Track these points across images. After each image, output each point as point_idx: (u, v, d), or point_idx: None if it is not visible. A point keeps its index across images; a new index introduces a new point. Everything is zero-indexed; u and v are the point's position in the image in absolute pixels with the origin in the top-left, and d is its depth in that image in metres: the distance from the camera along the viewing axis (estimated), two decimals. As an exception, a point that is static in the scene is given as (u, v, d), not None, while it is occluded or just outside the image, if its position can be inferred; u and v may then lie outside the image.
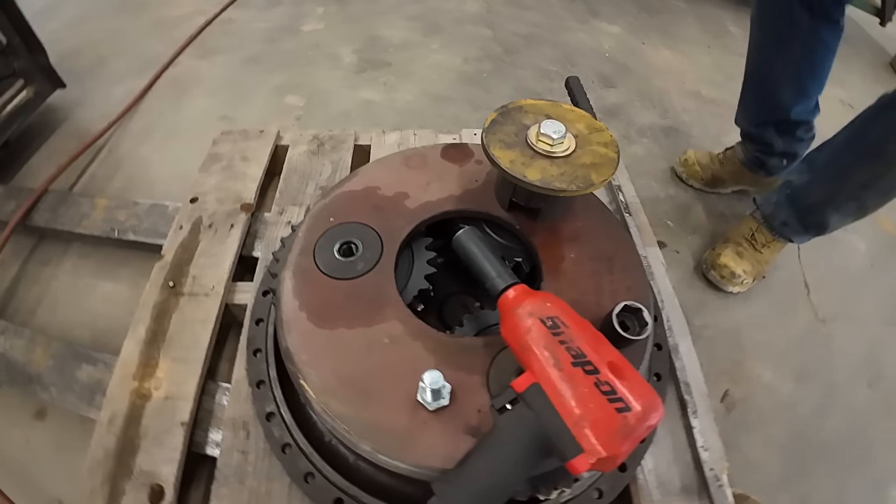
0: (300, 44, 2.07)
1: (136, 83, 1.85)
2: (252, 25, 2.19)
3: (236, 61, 1.98)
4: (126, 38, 2.10)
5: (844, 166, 1.19)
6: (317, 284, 0.80)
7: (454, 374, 0.70)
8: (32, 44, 1.63)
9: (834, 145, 1.24)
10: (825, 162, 1.25)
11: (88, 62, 1.97)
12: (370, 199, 0.92)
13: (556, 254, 0.84)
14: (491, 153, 0.78)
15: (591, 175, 0.77)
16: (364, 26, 2.19)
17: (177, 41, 2.04)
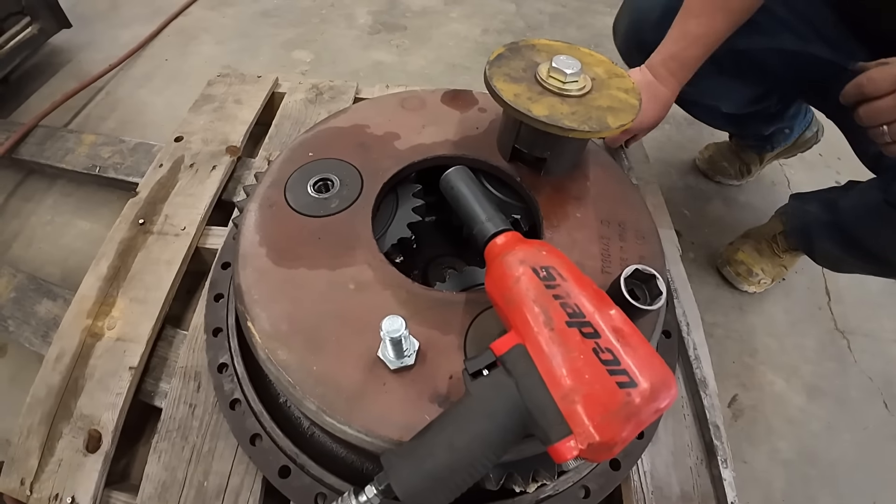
0: (316, 2, 1.95)
1: (144, 29, 1.76)
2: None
3: (248, 14, 1.87)
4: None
5: (851, 258, 1.00)
6: (282, 219, 0.68)
7: (426, 331, 0.57)
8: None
9: (842, 228, 1.01)
10: (837, 235, 1.03)
11: (101, 7, 1.88)
12: (357, 136, 0.79)
13: (559, 211, 0.71)
14: (493, 85, 0.65)
15: (608, 118, 0.63)
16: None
17: (191, -10, 1.93)
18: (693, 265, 1.32)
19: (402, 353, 0.52)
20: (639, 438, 0.74)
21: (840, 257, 1.02)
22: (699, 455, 0.80)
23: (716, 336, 1.21)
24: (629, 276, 0.55)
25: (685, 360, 0.92)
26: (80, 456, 0.76)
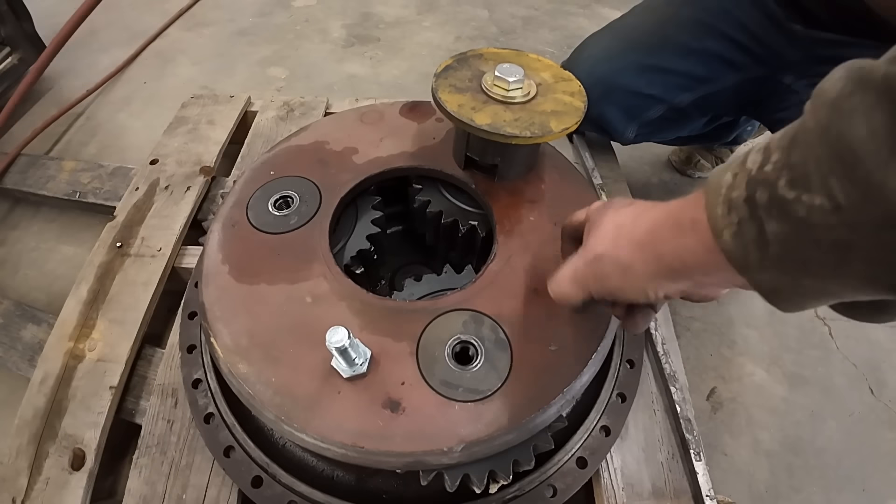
0: (290, 18, 1.99)
1: (122, 53, 1.80)
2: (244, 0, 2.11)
3: (224, 34, 1.91)
4: (119, 11, 2.05)
5: None
6: (244, 238, 0.71)
7: (379, 339, 0.60)
8: (19, 11, 1.59)
9: None
10: None
11: (79, 34, 1.89)
12: (317, 153, 0.82)
13: (512, 216, 0.74)
14: (438, 97, 0.68)
15: (551, 122, 0.66)
16: (358, 2, 2.11)
17: (167, 13, 1.98)
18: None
19: (353, 361, 0.54)
20: (605, 435, 0.76)
21: None
22: (670, 450, 0.82)
23: (693, 329, 1.23)
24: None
25: (654, 355, 0.94)
26: (66, 474, 0.79)
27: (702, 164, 1.51)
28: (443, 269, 0.72)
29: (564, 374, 0.60)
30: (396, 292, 0.70)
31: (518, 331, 0.61)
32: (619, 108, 1.04)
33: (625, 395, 0.78)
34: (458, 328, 0.60)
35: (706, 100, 1.04)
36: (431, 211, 0.78)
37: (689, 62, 1.00)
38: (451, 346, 0.59)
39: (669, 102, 1.03)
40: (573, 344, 0.62)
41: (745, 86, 1.02)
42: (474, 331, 0.60)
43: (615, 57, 1.03)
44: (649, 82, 1.01)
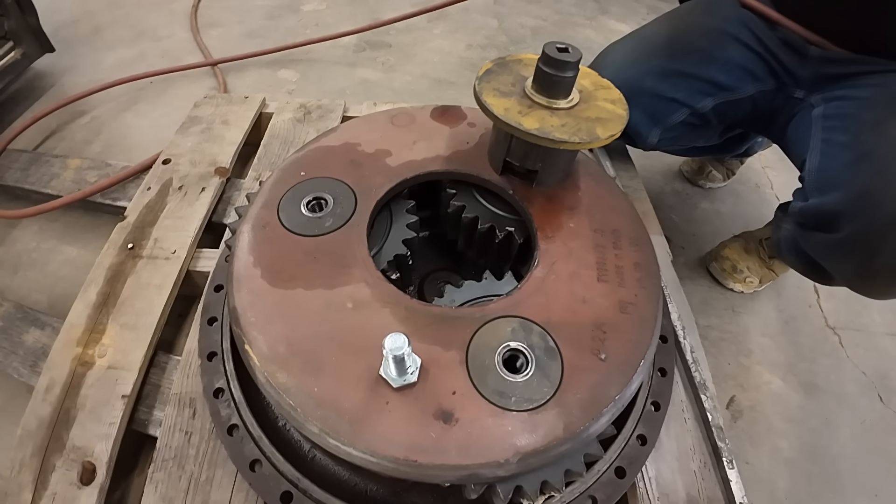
0: (300, 22, 1.97)
1: (127, 52, 1.76)
2: (252, 3, 2.09)
3: (233, 35, 1.88)
4: (125, 9, 2.01)
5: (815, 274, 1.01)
6: (277, 240, 0.68)
7: (427, 347, 0.57)
8: (24, 5, 1.54)
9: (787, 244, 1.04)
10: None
11: (84, 31, 1.87)
12: (348, 154, 0.79)
13: (553, 222, 0.72)
14: (483, 101, 0.66)
15: (597, 129, 0.65)
16: (368, 8, 2.09)
17: (174, 14, 1.94)
18: (684, 269, 1.34)
19: (406, 370, 0.52)
20: (641, 445, 0.74)
21: (806, 271, 1.03)
22: (703, 458, 0.80)
23: (711, 338, 1.23)
24: None
25: (683, 363, 0.92)
26: (75, 489, 0.74)
27: (713, 174, 1.52)
28: (482, 276, 0.70)
29: (615, 381, 0.58)
30: (437, 299, 0.68)
31: (567, 339, 0.59)
32: (643, 111, 1.04)
33: (658, 404, 0.76)
34: (506, 335, 0.58)
35: (726, 107, 1.04)
36: (467, 216, 0.76)
37: (711, 69, 1.00)
38: (501, 354, 0.56)
39: (692, 107, 1.03)
40: (622, 352, 0.60)
41: (761, 97, 1.03)
42: (524, 338, 0.58)
43: (639, 62, 1.03)
44: (673, 86, 1.01)
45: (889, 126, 0.78)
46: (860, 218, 0.76)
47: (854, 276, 0.86)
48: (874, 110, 0.82)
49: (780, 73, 0.99)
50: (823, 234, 0.83)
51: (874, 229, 0.74)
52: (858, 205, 0.76)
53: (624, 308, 0.65)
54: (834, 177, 0.81)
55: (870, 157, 0.77)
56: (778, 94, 1.01)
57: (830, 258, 0.87)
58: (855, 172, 0.78)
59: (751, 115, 1.08)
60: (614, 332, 0.62)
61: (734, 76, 1.00)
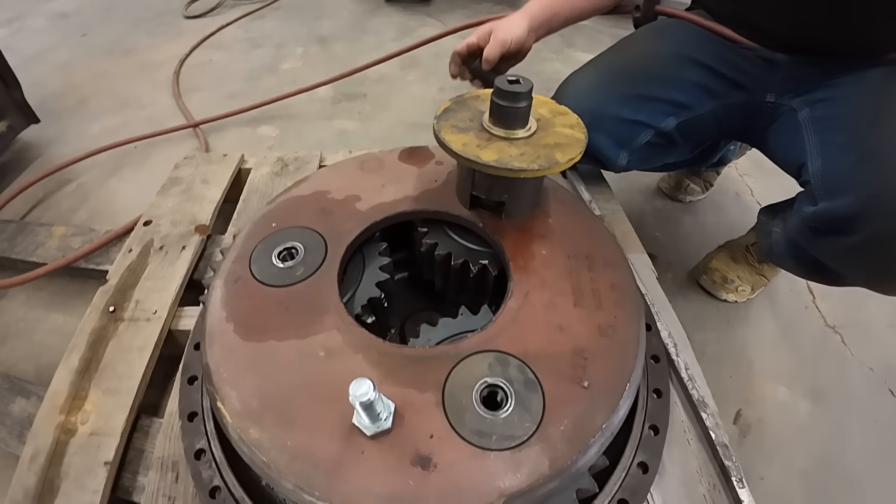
0: (278, 80, 2.05)
1: (112, 121, 1.81)
2: (232, 66, 2.18)
3: (214, 98, 1.94)
4: (109, 81, 2.09)
5: (817, 275, 1.00)
6: (249, 293, 0.67)
7: (402, 391, 0.56)
8: (8, 80, 1.61)
9: (782, 246, 1.04)
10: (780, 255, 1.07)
11: (70, 103, 1.94)
12: (318, 203, 0.81)
13: (525, 252, 0.72)
14: (442, 138, 0.68)
15: (556, 154, 0.66)
16: (343, 63, 2.18)
17: (157, 82, 2.02)
18: (674, 285, 1.34)
19: (377, 416, 0.50)
20: (643, 473, 0.71)
21: (809, 274, 1.02)
22: (710, 480, 0.77)
23: (709, 353, 1.21)
24: None
25: (679, 382, 0.90)
26: (62, 560, 0.70)
27: (691, 188, 1.54)
28: (458, 312, 0.69)
29: (601, 409, 0.56)
30: (413, 339, 0.67)
31: (546, 369, 0.58)
32: (608, 136, 1.06)
33: (657, 427, 0.74)
34: (483, 371, 0.57)
35: (689, 124, 1.07)
36: (440, 253, 0.76)
37: (670, 90, 1.03)
38: (479, 391, 0.55)
39: (656, 127, 1.06)
40: (605, 378, 0.59)
41: (724, 111, 1.05)
42: (501, 373, 0.57)
43: (600, 89, 1.06)
44: (635, 109, 1.04)
45: (887, 123, 0.79)
46: (877, 218, 0.75)
47: (872, 277, 0.85)
48: (864, 107, 0.85)
49: (746, 84, 1.02)
50: (839, 237, 0.82)
51: (892, 228, 0.74)
52: (874, 205, 0.76)
53: (604, 332, 0.64)
54: (842, 179, 0.81)
55: (876, 156, 0.78)
56: (748, 104, 1.04)
57: (847, 261, 0.86)
58: (864, 173, 0.78)
59: (718, 128, 1.11)
60: (595, 357, 0.61)
61: (692, 95, 1.03)
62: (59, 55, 2.28)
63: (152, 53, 2.28)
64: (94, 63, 2.22)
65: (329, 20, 2.66)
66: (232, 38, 2.43)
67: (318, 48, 2.34)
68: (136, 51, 2.32)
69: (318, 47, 2.35)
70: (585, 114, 1.04)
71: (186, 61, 2.18)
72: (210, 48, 2.33)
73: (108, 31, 2.56)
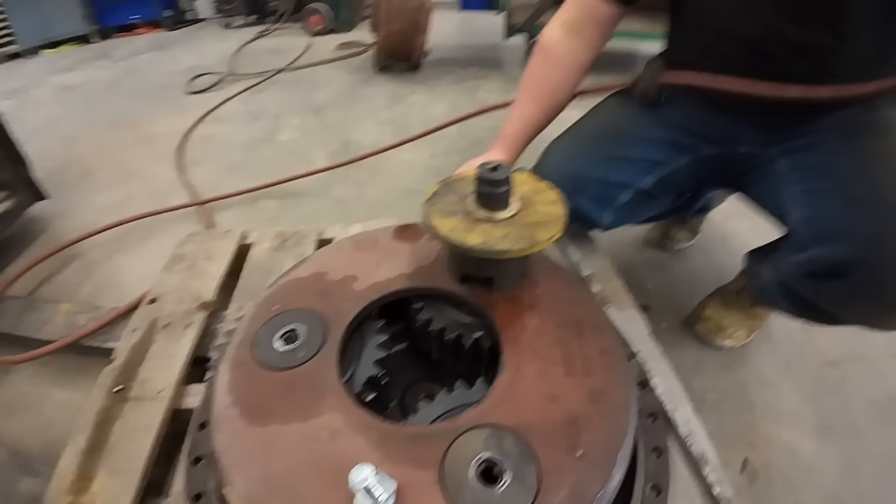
0: (276, 151, 2.17)
1: (117, 194, 1.90)
2: (232, 139, 2.30)
3: (215, 170, 2.04)
4: (112, 153, 2.20)
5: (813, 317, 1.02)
6: (253, 377, 0.71)
7: (402, 471, 0.59)
8: (16, 157, 1.69)
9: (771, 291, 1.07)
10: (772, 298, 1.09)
11: (74, 175, 2.04)
12: (317, 284, 0.86)
13: (516, 324, 0.77)
14: (431, 223, 0.74)
15: (536, 234, 0.72)
16: (338, 132, 2.30)
17: (158, 153, 2.12)
18: (669, 333, 1.37)
19: (377, 499, 0.53)
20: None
21: (804, 315, 1.04)
22: (717, 540, 0.78)
23: (709, 401, 1.22)
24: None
25: (678, 439, 0.92)
26: None
27: (678, 236, 1.60)
28: (454, 385, 0.73)
29: (596, 477, 0.59)
30: (412, 415, 0.70)
31: (541, 440, 0.61)
32: (591, 198, 1.13)
33: (659, 487, 0.76)
34: (480, 446, 0.60)
35: (667, 179, 1.14)
36: (434, 329, 0.81)
37: (643, 149, 1.12)
38: (476, 467, 0.58)
39: (635, 186, 1.13)
40: (598, 444, 0.62)
41: (699, 163, 1.13)
42: (497, 446, 0.60)
43: (580, 156, 1.14)
44: (616, 170, 1.12)
45: (871, 169, 0.86)
46: (871, 260, 0.81)
47: (868, 316, 0.90)
48: (843, 154, 0.91)
49: (715, 137, 1.09)
50: (834, 280, 0.86)
51: (887, 268, 0.80)
52: (867, 248, 0.81)
53: (595, 398, 0.67)
54: (832, 226, 0.86)
55: (864, 201, 0.84)
56: (721, 155, 1.11)
57: (842, 303, 0.90)
58: (854, 218, 0.84)
59: (696, 179, 1.18)
60: (588, 424, 0.64)
61: (664, 152, 1.12)
62: (64, 127, 2.40)
63: (155, 126, 2.41)
64: (98, 135, 2.34)
65: (323, 91, 2.83)
66: (232, 112, 2.57)
67: (313, 118, 2.48)
68: (139, 124, 2.45)
69: (314, 117, 2.49)
70: (569, 179, 1.12)
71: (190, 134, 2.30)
72: (211, 122, 2.47)
73: (111, 104, 2.71)
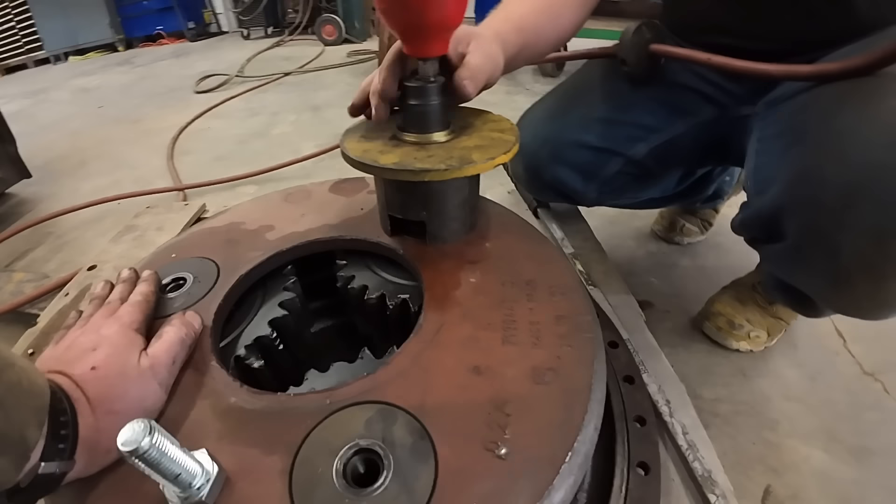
0: (268, 143, 2.09)
1: (103, 180, 1.85)
2: (227, 132, 2.25)
3: (203, 160, 1.98)
4: (111, 146, 2.19)
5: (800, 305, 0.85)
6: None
7: (242, 451, 0.41)
8: (4, 134, 1.66)
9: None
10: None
11: (71, 164, 2.03)
12: (228, 234, 0.70)
13: (447, 280, 0.58)
14: (344, 146, 0.58)
15: (473, 155, 0.54)
16: (332, 126, 2.21)
17: (155, 147, 2.08)
18: (673, 335, 1.14)
19: (178, 479, 0.35)
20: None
21: (792, 302, 0.86)
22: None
23: (722, 414, 0.98)
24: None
25: (676, 451, 0.71)
26: None
27: (687, 228, 1.38)
28: (359, 354, 0.55)
29: (522, 490, 0.39)
30: (293, 387, 0.52)
31: (447, 428, 0.42)
32: (572, 167, 0.94)
33: (642, 517, 0.54)
34: (357, 430, 0.41)
35: (663, 150, 0.94)
36: (354, 287, 0.63)
37: (634, 112, 0.92)
38: (343, 459, 0.39)
39: (624, 155, 0.93)
40: (535, 443, 0.42)
41: (700, 131, 0.92)
42: (381, 432, 0.41)
43: (557, 115, 0.96)
44: (599, 136, 0.93)
45: (822, 99, 0.62)
46: (804, 207, 0.59)
47: (830, 291, 0.64)
48: (805, 92, 0.68)
49: (719, 97, 0.89)
50: (775, 244, 0.66)
51: (824, 217, 0.56)
52: (798, 191, 0.59)
53: (540, 376, 0.48)
54: (770, 171, 0.66)
55: (802, 136, 0.61)
56: (722, 120, 0.90)
57: (794, 273, 0.69)
58: (789, 158, 0.62)
59: (699, 152, 0.97)
60: (523, 412, 0.44)
61: (659, 115, 0.92)
62: (73, 123, 2.43)
63: (157, 122, 2.39)
64: (102, 130, 2.35)
65: (326, 91, 2.77)
66: (233, 109, 2.53)
67: (310, 115, 2.41)
68: (143, 120, 2.44)
69: (311, 114, 2.42)
70: (546, 143, 0.94)
71: (186, 129, 2.26)
72: (210, 117, 2.43)
73: (121, 104, 2.74)
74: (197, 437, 0.42)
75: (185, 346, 0.49)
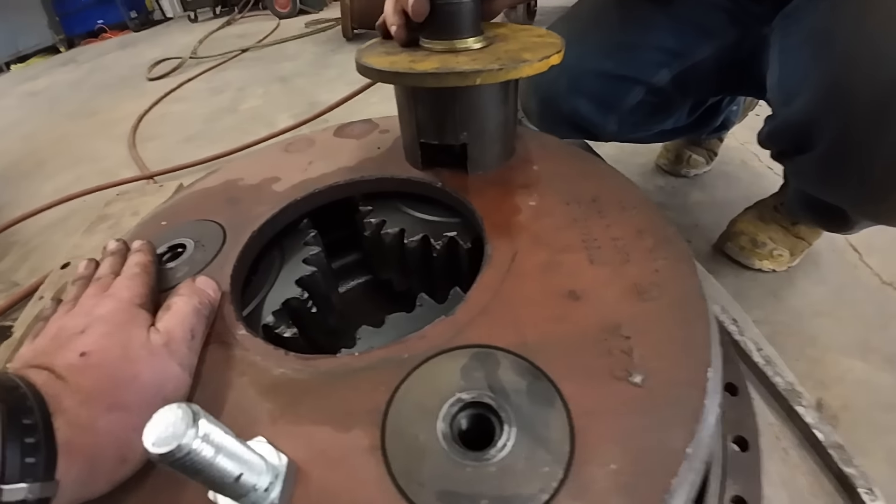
0: (238, 119, 1.90)
1: (65, 178, 1.65)
2: (191, 113, 2.05)
3: (170, 143, 1.79)
4: (68, 142, 1.97)
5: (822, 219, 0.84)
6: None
7: (311, 431, 0.30)
8: None
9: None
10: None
11: (27, 167, 1.82)
12: (226, 193, 0.58)
13: (504, 207, 0.48)
14: (364, 62, 0.46)
15: (523, 54, 0.43)
16: (305, 95, 2.04)
17: (115, 136, 1.87)
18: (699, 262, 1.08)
19: (236, 484, 0.24)
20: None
21: (822, 221, 0.85)
22: (830, 500, 0.49)
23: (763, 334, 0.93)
24: None
25: (753, 368, 0.64)
26: None
27: (694, 159, 1.31)
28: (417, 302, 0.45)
29: (676, 418, 0.30)
30: (345, 349, 0.42)
31: (564, 364, 0.33)
32: (591, 98, 0.85)
33: (745, 441, 0.47)
34: (454, 383, 0.31)
35: (686, 76, 0.85)
36: (388, 232, 0.53)
37: (657, 34, 0.82)
38: (447, 419, 0.29)
39: (646, 82, 0.84)
40: (669, 364, 0.33)
41: (724, 54, 0.84)
42: (485, 380, 0.31)
43: (575, 41, 0.84)
44: (619, 62, 0.83)
45: (847, 4, 0.56)
46: (835, 115, 0.54)
47: (863, 200, 0.61)
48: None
49: (742, 17, 0.80)
50: (804, 156, 0.61)
51: (856, 124, 0.52)
52: (828, 100, 0.55)
53: (644, 293, 0.39)
54: (797, 81, 0.61)
55: (830, 41, 0.56)
56: (744, 42, 0.82)
57: (825, 183, 0.65)
58: (816, 66, 0.58)
59: (719, 79, 0.89)
60: (642, 332, 0.35)
61: (686, 37, 0.82)
62: (24, 128, 2.19)
63: (113, 113, 2.15)
64: (57, 129, 2.11)
65: (291, 63, 2.56)
66: (194, 91, 2.31)
67: (279, 86, 2.21)
68: (98, 112, 2.20)
69: (280, 85, 2.22)
70: (563, 73, 0.82)
71: (146, 116, 2.04)
72: (170, 102, 2.21)
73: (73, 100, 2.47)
74: (243, 425, 0.31)
75: (201, 318, 0.38)
